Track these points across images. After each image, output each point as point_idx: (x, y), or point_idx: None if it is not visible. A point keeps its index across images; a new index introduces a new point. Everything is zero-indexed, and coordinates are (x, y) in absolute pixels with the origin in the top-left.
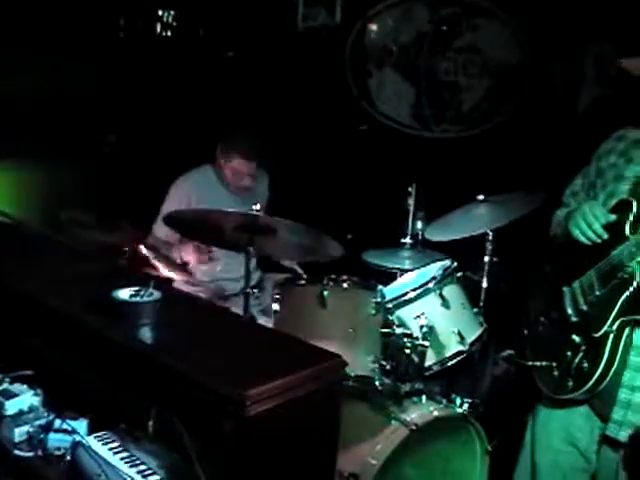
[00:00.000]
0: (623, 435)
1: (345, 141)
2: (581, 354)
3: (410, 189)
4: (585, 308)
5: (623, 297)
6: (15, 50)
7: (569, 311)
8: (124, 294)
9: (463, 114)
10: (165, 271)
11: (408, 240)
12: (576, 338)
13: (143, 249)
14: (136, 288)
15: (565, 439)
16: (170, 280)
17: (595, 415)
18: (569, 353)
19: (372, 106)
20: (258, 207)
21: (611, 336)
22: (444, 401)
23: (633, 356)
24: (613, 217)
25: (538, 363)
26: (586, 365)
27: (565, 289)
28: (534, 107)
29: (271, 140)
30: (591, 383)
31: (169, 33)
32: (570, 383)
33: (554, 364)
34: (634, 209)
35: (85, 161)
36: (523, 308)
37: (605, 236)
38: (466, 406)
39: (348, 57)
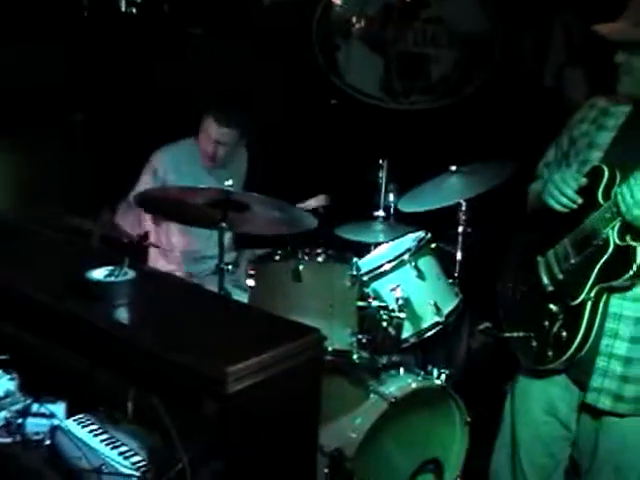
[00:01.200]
0: (603, 402)
1: (315, 116)
2: (559, 323)
3: (381, 162)
4: (561, 277)
5: (599, 264)
6: None
7: (545, 280)
8: (98, 274)
9: (432, 85)
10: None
11: (381, 213)
12: (553, 307)
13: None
14: (110, 268)
15: (545, 410)
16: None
17: (573, 384)
18: (547, 323)
19: (341, 79)
20: (230, 182)
21: (589, 304)
22: (422, 373)
23: (609, 323)
24: (584, 180)
25: (516, 334)
26: (565, 334)
27: (539, 259)
28: (503, 77)
29: (248, 118)
30: (570, 351)
31: (134, 10)
32: (550, 353)
33: (532, 334)
34: (605, 176)
35: (55, 141)
36: (496, 279)
37: (579, 201)
38: (443, 377)
39: (315, 30)
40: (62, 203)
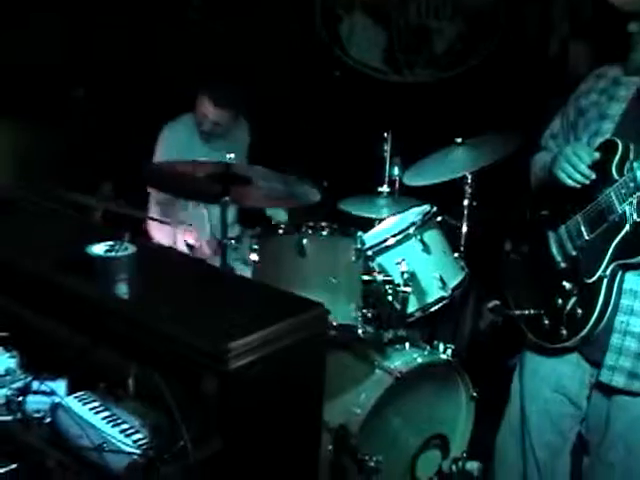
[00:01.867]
0: (616, 380)
1: (318, 88)
2: (573, 300)
3: (386, 135)
4: (574, 254)
5: (615, 241)
6: None
7: (557, 257)
8: (99, 249)
9: (436, 57)
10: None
11: (385, 187)
12: (566, 284)
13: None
14: (110, 243)
15: (554, 388)
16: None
17: (585, 361)
18: (559, 300)
19: (344, 52)
20: (232, 156)
21: (605, 281)
22: (427, 348)
23: (625, 300)
24: (597, 156)
25: (526, 312)
26: (580, 311)
27: (550, 234)
28: (507, 49)
29: (244, 89)
30: (587, 329)
31: None
32: (563, 331)
33: (543, 312)
34: (620, 150)
35: (54, 117)
36: (503, 254)
37: (593, 177)
38: (449, 352)
39: (318, 2)
40: (62, 179)
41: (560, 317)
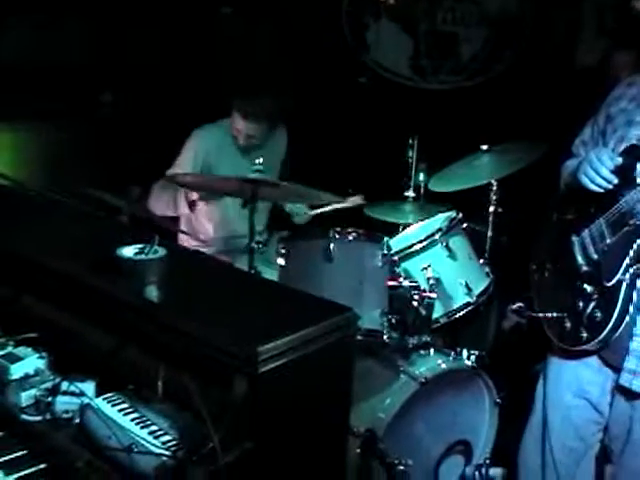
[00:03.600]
0: (637, 385)
1: (344, 94)
2: (593, 304)
3: (411, 141)
4: (596, 257)
5: (636, 245)
6: (4, 11)
7: (580, 260)
8: (129, 252)
9: (462, 64)
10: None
11: (411, 193)
12: (588, 287)
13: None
14: (140, 246)
15: (576, 393)
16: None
17: (606, 366)
18: (581, 303)
19: (370, 58)
20: (261, 160)
21: (624, 284)
22: (452, 354)
23: None
24: (620, 160)
25: (549, 314)
26: (599, 315)
27: (574, 238)
28: (534, 56)
29: (276, 100)
30: (605, 333)
31: None
32: (584, 334)
33: (566, 315)
34: None
35: (83, 122)
36: (529, 259)
37: (615, 181)
38: (473, 358)
39: (345, 10)
40: (92, 181)
41: (581, 320)
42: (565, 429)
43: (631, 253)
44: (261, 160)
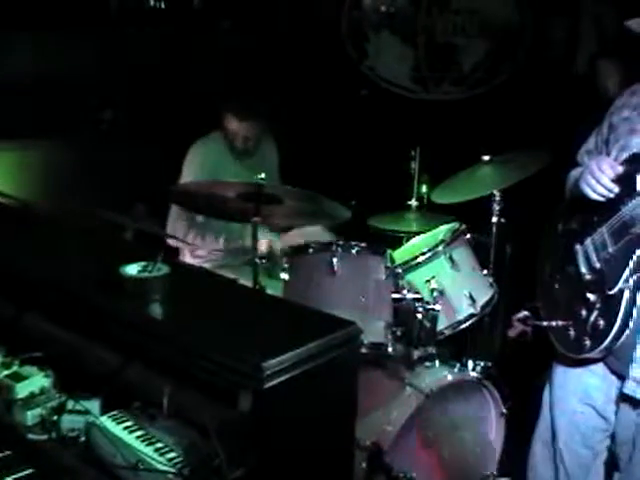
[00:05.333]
0: None
1: (346, 107)
2: (596, 312)
3: (413, 152)
4: (599, 266)
5: (637, 253)
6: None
7: (583, 269)
8: (132, 270)
9: (463, 75)
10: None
11: (414, 204)
12: (591, 296)
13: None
14: (144, 263)
15: (582, 400)
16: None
17: (612, 374)
18: (584, 312)
19: (371, 70)
20: (263, 176)
21: (626, 292)
22: (457, 365)
23: None
24: (620, 169)
25: (554, 323)
26: (602, 323)
27: (578, 247)
28: (534, 66)
29: (272, 107)
30: (608, 341)
31: (162, 5)
32: (587, 342)
33: (570, 323)
34: None
35: (85, 140)
36: (534, 268)
37: (616, 190)
38: (479, 369)
39: (345, 21)
40: (96, 198)
41: (584, 328)
42: (572, 436)
43: (632, 262)
44: (263, 175)
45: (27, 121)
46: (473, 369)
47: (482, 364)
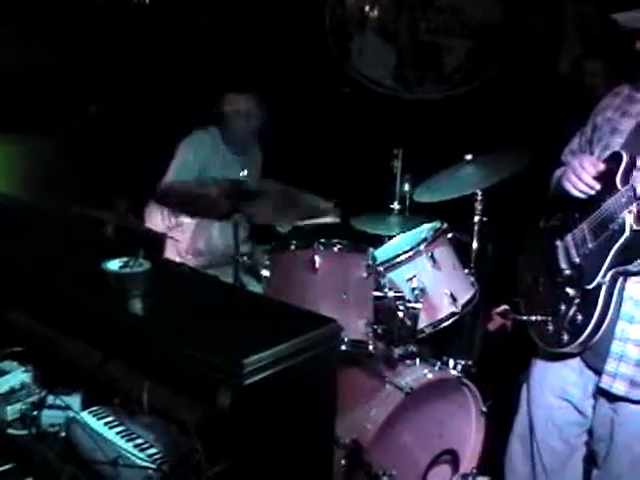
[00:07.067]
0: (617, 388)
1: (328, 105)
2: (575, 307)
3: (396, 151)
4: (578, 261)
5: (614, 248)
6: None
7: (563, 265)
8: (113, 265)
9: (445, 74)
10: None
11: (396, 203)
12: (570, 291)
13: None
14: (125, 259)
15: (559, 395)
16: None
17: (589, 369)
18: (563, 307)
19: (354, 69)
20: (245, 173)
21: (604, 288)
22: (438, 364)
23: (626, 308)
24: (602, 167)
25: (533, 318)
26: (580, 318)
27: (558, 243)
28: (517, 66)
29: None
30: (585, 335)
31: (146, 0)
32: (565, 337)
33: (549, 318)
34: (624, 161)
35: (69, 136)
36: (516, 264)
37: (597, 187)
38: (459, 368)
39: (328, 20)
40: (77, 193)
41: (563, 323)
42: (549, 430)
43: (610, 257)
44: (245, 173)
45: (11, 116)
46: (454, 368)
47: (463, 363)
